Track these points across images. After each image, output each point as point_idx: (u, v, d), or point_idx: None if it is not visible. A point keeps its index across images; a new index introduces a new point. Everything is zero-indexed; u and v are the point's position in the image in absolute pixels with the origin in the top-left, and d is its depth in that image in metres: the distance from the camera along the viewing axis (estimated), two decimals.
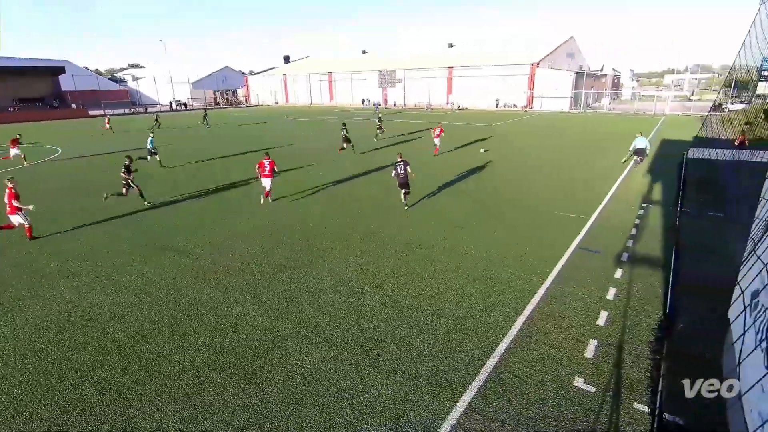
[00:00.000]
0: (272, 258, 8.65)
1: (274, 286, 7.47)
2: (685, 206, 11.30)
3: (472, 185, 14.51)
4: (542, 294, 7.04)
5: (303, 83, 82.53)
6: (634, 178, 15.28)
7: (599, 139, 26.02)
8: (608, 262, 8.18)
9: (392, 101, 66.37)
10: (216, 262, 8.47)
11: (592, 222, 10.53)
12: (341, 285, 7.46)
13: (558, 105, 53.55)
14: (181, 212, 11.92)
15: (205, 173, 17.43)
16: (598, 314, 6.41)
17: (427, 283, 7.50)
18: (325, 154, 21.63)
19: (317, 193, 13.77)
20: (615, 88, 79.25)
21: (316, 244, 9.35)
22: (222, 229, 10.40)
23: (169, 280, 7.75)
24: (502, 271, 7.88)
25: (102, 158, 21.77)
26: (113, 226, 10.84)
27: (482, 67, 60.13)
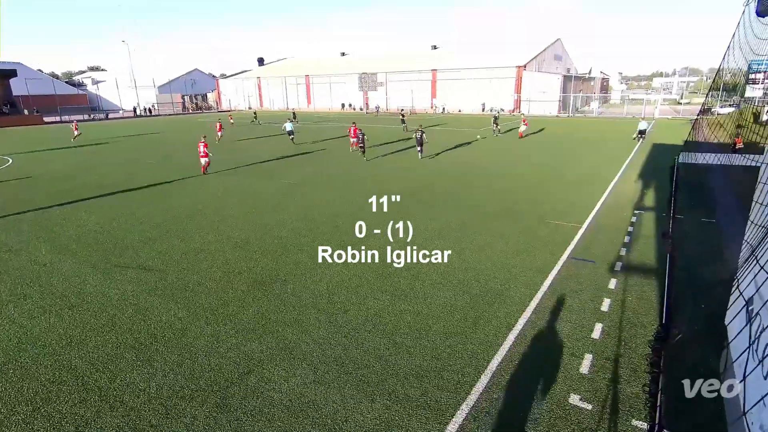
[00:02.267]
0: (246, 274, 8.52)
1: (249, 304, 7.34)
2: (677, 212, 11.62)
3: (456, 193, 14.63)
4: (534, 307, 7.10)
5: (278, 87, 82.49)
6: (626, 183, 15.68)
7: (590, 144, 26.67)
8: (602, 272, 8.32)
9: (374, 105, 66.80)
10: (184, 280, 8.29)
11: (585, 230, 10.72)
12: (321, 301, 7.38)
13: (546, 109, 54.78)
14: (143, 226, 11.66)
15: (166, 183, 17.14)
16: (593, 327, 6.49)
17: (413, 297, 7.49)
18: (288, 162, 21.56)
19: (291, 204, 13.67)
20: (604, 91, 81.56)
21: (294, 258, 9.25)
22: (190, 244, 10.20)
23: (131, 300, 7.54)
24: (492, 284, 7.93)
25: (57, 167, 21.22)
26: (67, 241, 10.52)
27: (467, 70, 61.26)
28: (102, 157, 24.85)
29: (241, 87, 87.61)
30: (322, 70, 78.87)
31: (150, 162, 22.64)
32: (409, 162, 20.98)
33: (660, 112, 49.59)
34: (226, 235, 10.77)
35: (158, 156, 24.93)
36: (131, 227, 11.57)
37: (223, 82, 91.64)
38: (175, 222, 11.97)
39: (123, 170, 20.26)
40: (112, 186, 16.63)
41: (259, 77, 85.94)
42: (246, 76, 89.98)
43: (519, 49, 62.71)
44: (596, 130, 35.81)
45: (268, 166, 20.65)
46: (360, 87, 63.51)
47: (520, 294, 7.53)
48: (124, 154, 26.34)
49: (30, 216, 12.81)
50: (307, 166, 20.43)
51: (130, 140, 33.72)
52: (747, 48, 12.05)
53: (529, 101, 56.53)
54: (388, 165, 20.33)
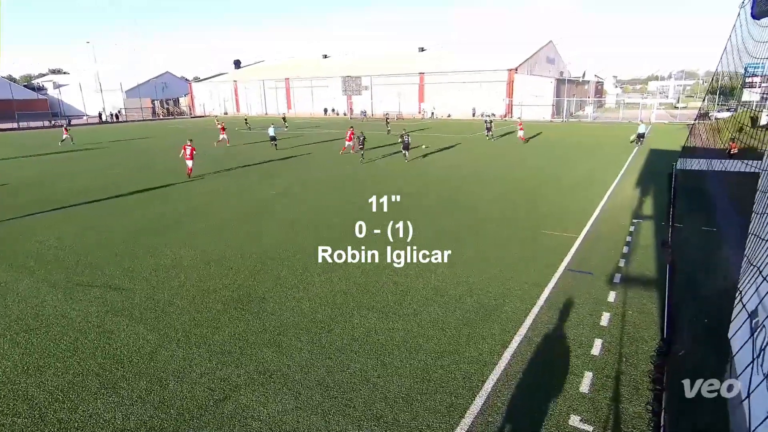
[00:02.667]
0: (222, 291, 8.41)
1: (224, 324, 7.23)
2: (677, 221, 11.85)
3: (446, 203, 14.72)
4: (530, 322, 7.14)
5: (256, 90, 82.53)
6: (623, 190, 15.97)
7: (585, 149, 27.16)
8: (600, 285, 8.41)
9: (360, 110, 67.19)
10: (153, 299, 8.14)
11: (582, 240, 10.86)
12: (304, 320, 7.31)
13: (539, 113, 55.72)
14: (110, 240, 11.45)
15: (129, 192, 16.92)
16: (592, 343, 6.54)
17: (402, 314, 7.46)
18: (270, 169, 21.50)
19: (271, 215, 13.59)
20: (598, 95, 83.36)
21: (273, 273, 9.17)
22: (161, 259, 10.04)
23: (95, 322, 7.37)
24: (485, 299, 7.95)
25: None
26: (24, 258, 10.27)
27: (456, 73, 62.11)
28: (64, 166, 24.43)
29: (216, 91, 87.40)
30: (303, 72, 79.20)
31: (118, 171, 22.33)
32: (397, 166, 21.07)
33: (656, 116, 50.83)
34: (200, 249, 10.63)
35: (128, 165, 24.61)
36: (97, 241, 11.35)
37: (197, 86, 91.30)
38: (146, 235, 11.79)
39: (88, 180, 19.93)
40: (75, 197, 16.33)
41: (236, 81, 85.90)
42: (221, 80, 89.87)
43: (510, 52, 63.88)
44: (592, 135, 36.51)
45: (250, 174, 20.52)
46: (343, 91, 63.88)
47: (516, 309, 7.57)
48: (87, 162, 25.95)
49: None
50: (290, 174, 20.37)
51: (96, 148, 33.24)
52: (744, 50, 12.44)
53: (521, 106, 57.46)
54: (376, 171, 20.38)
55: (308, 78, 76.50)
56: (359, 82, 63.14)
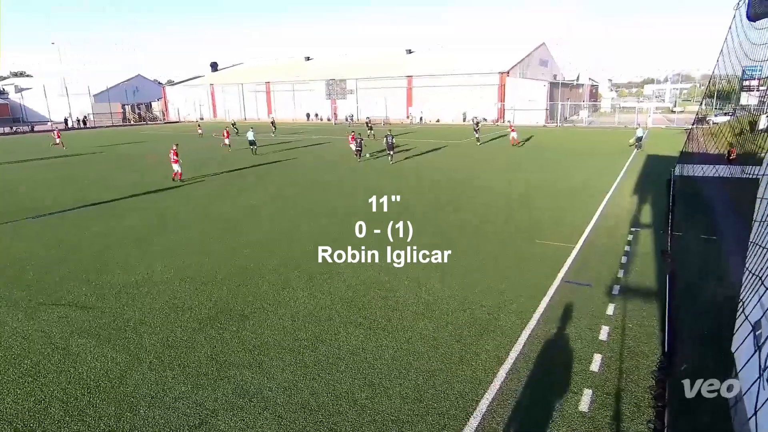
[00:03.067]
0: (198, 309, 8.30)
1: (200, 344, 7.13)
2: (676, 229, 12.05)
3: (435, 211, 14.78)
4: (526, 337, 7.16)
5: (234, 94, 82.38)
6: (620, 197, 16.20)
7: (581, 155, 27.54)
8: (599, 297, 8.49)
9: (345, 114, 67.39)
10: (123, 318, 8.00)
11: (578, 250, 10.97)
12: (287, 338, 7.25)
13: (533, 118, 56.46)
14: (76, 254, 11.26)
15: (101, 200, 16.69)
16: (591, 358, 6.58)
17: (391, 331, 7.44)
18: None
19: (252, 226, 13.50)
20: (593, 99, 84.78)
21: (253, 289, 9.09)
22: (132, 275, 9.89)
23: (60, 344, 7.21)
24: (478, 313, 7.97)
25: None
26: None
27: (445, 76, 62.77)
28: (27, 174, 24.03)
29: (191, 95, 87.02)
30: (284, 75, 79.34)
31: (87, 180, 22.02)
32: (382, 172, 21.12)
33: (653, 120, 51.83)
34: (175, 264, 10.50)
35: (99, 172, 24.29)
36: (62, 256, 11.15)
37: (171, 90, 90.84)
38: (116, 249, 11.61)
39: (51, 189, 19.62)
40: (39, 208, 16.05)
41: (212, 84, 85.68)
42: (197, 83, 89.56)
43: (501, 54, 64.82)
44: (587, 141, 37.07)
45: (231, 181, 20.39)
46: (328, 95, 64.11)
47: (511, 323, 7.59)
48: (54, 171, 25.56)
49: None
50: (268, 183, 20.30)
51: (59, 157, 32.81)
52: (741, 53, 12.78)
53: (513, 110, 58.17)
54: (360, 178, 20.41)
55: (290, 81, 76.64)
56: (344, 86, 63.48)
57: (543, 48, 74.50)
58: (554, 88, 59.78)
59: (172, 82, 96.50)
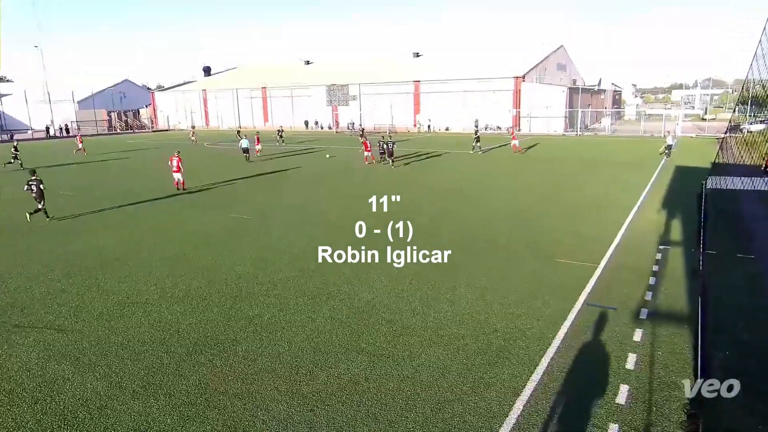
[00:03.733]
0: (186, 333, 8.29)
1: (188, 372, 7.10)
2: (708, 247, 11.96)
3: (442, 227, 14.77)
4: (545, 366, 7.09)
5: (228, 101, 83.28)
6: (647, 212, 16.14)
7: (603, 166, 27.55)
8: (624, 321, 8.41)
9: (348, 122, 67.88)
10: (105, 343, 7.99)
11: (602, 270, 10.91)
12: (282, 367, 7.21)
13: (550, 126, 56.66)
14: (53, 273, 11.30)
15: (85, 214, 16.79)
16: (617, 390, 6.50)
17: (396, 358, 7.38)
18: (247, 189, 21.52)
19: (244, 242, 13.53)
20: (616, 105, 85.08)
21: (247, 311, 9.07)
22: (114, 295, 9.91)
23: (36, 370, 7.21)
24: (493, 339, 7.91)
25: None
26: None
27: (456, 81, 63.20)
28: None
29: (182, 101, 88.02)
30: (282, 80, 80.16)
31: (65, 193, 22.19)
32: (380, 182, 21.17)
33: (682, 129, 51.86)
34: (162, 283, 10.52)
35: (79, 184, 24.49)
36: (37, 275, 11.19)
37: (160, 96, 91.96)
38: (97, 267, 11.65)
39: (27, 203, 19.77)
40: (11, 223, 16.17)
41: (205, 90, 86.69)
42: (188, 89, 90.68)
43: (516, 58, 65.27)
44: (610, 151, 37.10)
45: (222, 194, 20.50)
46: (328, 101, 64.60)
47: (528, 350, 7.52)
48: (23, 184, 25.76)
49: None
50: (259, 196, 20.39)
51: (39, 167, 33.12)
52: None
53: (530, 117, 58.42)
54: (357, 190, 20.45)
55: (288, 87, 77.42)
56: (346, 91, 63.92)
57: (561, 51, 75.02)
58: (574, 93, 60.07)
59: (162, 88, 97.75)
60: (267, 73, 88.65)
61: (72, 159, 35.18)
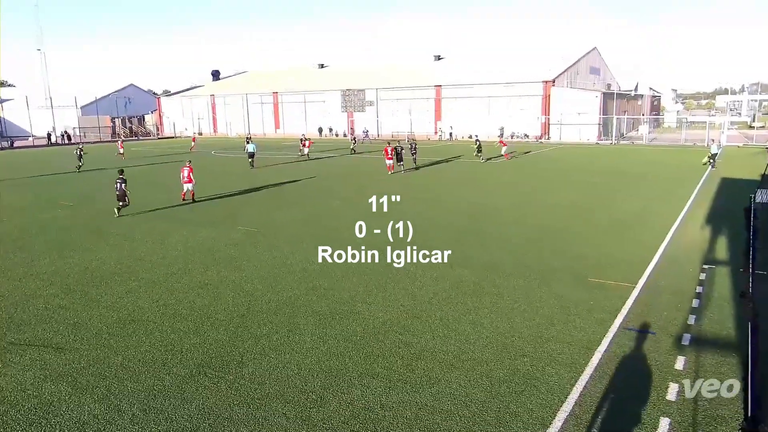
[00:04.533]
0: (190, 353, 8.34)
1: (190, 395, 7.14)
2: (758, 266, 11.72)
3: (462, 243, 14.71)
4: (577, 396, 6.99)
5: (238, 106, 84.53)
6: (690, 229, 15.91)
7: (640, 178, 27.29)
8: (665, 347, 8.27)
9: (360, 130, 68.34)
10: (104, 362, 8.08)
11: (640, 291, 10.75)
12: (291, 391, 7.21)
13: (583, 134, 56.36)
14: (51, 288, 11.49)
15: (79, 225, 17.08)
16: (657, 423, 6.38)
17: (414, 383, 7.33)
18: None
19: (252, 257, 13.63)
20: (655, 112, 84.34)
21: (254, 330, 9.11)
22: (114, 312, 10.04)
23: (32, 391, 7.30)
24: (519, 365, 7.82)
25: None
26: None
27: (480, 86, 63.31)
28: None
29: (189, 107, 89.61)
30: (294, 85, 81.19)
31: (65, 203, 22.64)
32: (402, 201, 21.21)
33: (727, 137, 51.15)
34: (164, 300, 10.63)
35: (80, 193, 24.97)
36: (35, 290, 11.39)
37: (167, 101, 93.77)
38: (97, 282, 11.83)
39: (26, 213, 20.21)
40: (6, 235, 16.52)
41: (213, 95, 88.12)
42: (195, 93, 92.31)
43: (545, 61, 65.26)
44: (648, 161, 36.74)
45: (230, 205, 20.72)
46: (343, 107, 65.14)
47: (558, 378, 7.42)
48: (28, 192, 26.36)
49: None
50: (268, 207, 20.54)
51: (41, 175, 33.90)
52: None
53: (560, 124, 58.20)
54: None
55: (301, 91, 78.37)
56: (362, 97, 64.43)
57: (594, 53, 74.86)
58: (608, 99, 59.77)
59: (168, 93, 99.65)
60: (279, 77, 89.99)
61: (70, 168, 35.87)
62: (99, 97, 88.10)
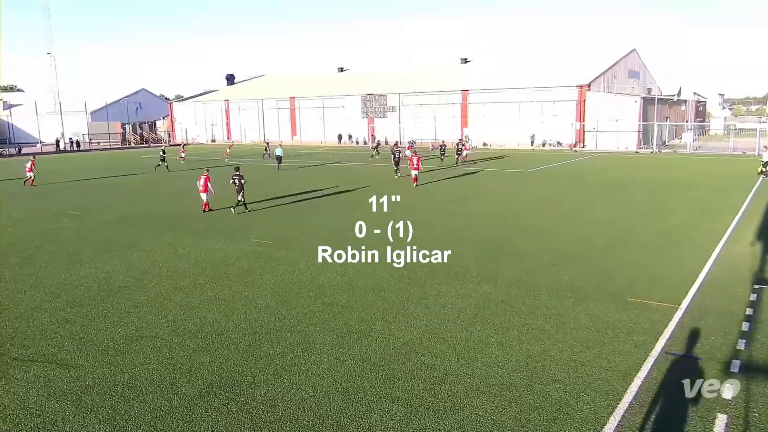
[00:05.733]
0: (199, 372, 8.41)
1: (199, 418, 7.18)
2: None
3: (490, 258, 14.62)
4: (614, 427, 6.87)
5: (253, 112, 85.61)
6: (739, 245, 15.60)
7: (683, 190, 26.91)
8: (712, 375, 8.06)
9: (382, 137, 68.60)
10: (110, 380, 8.18)
11: (684, 313, 10.56)
12: (305, 415, 7.20)
13: (621, 142, 55.78)
14: (56, 301, 11.70)
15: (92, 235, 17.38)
16: None
17: (437, 410, 7.28)
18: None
19: (266, 272, 13.71)
20: (700, 118, 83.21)
21: (267, 349, 9.15)
22: (121, 328, 10.17)
23: (35, 409, 7.42)
24: (551, 391, 7.72)
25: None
26: None
27: (510, 90, 63.17)
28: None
29: (202, 112, 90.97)
30: (312, 90, 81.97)
31: (72, 212, 23.09)
32: (423, 213, 21.21)
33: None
34: (173, 316, 10.75)
35: (88, 203, 25.45)
36: (40, 303, 11.61)
37: (179, 107, 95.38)
38: (104, 296, 12.01)
39: (31, 224, 20.65)
40: (11, 246, 16.88)
41: (228, 100, 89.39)
42: (209, 99, 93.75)
43: (580, 63, 64.92)
44: (692, 171, 36.23)
45: (244, 216, 20.91)
46: (364, 113, 65.47)
47: (594, 406, 7.30)
48: (29, 204, 26.96)
49: None
50: (284, 219, 20.69)
51: (47, 184, 34.65)
52: None
53: (596, 132, 57.70)
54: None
55: (319, 96, 79.08)
56: (384, 102, 64.68)
57: (633, 56, 74.31)
58: (648, 104, 59.13)
59: (180, 98, 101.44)
60: (296, 81, 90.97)
61: (76, 176, 36.63)
62: (109, 102, 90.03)
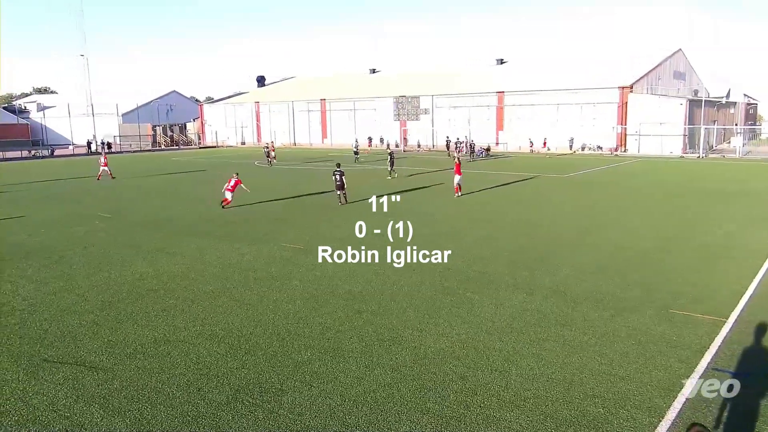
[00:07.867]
0: (227, 378, 8.50)
1: (226, 425, 7.25)
2: None
3: (525, 268, 14.47)
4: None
5: (283, 114, 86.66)
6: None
7: (733, 197, 26.30)
8: (763, 394, 7.85)
9: (415, 140, 68.59)
10: (138, 384, 8.33)
11: (732, 326, 10.30)
12: (334, 424, 7.22)
13: (665, 146, 54.71)
14: (87, 304, 11.97)
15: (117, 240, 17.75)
16: None
17: (470, 422, 7.22)
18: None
19: (296, 277, 13.81)
20: (751, 121, 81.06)
21: (295, 356, 9.21)
22: (150, 331, 10.36)
23: (63, 411, 7.60)
24: (589, 406, 7.59)
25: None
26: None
27: (548, 92, 62.59)
28: (25, 209, 26.20)
29: (232, 114, 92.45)
30: (344, 92, 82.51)
31: (103, 215, 23.65)
32: (453, 221, 21.12)
33: None
34: (201, 321, 10.90)
35: (119, 206, 26.06)
36: (70, 306, 11.89)
37: (209, 109, 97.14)
38: (132, 299, 12.25)
39: (63, 226, 21.20)
40: (43, 248, 17.35)
41: (258, 102, 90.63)
42: (240, 101, 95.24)
43: (622, 64, 63.96)
44: (742, 178, 35.34)
45: (273, 219, 21.13)
46: (396, 115, 65.64)
47: (634, 423, 7.16)
48: (61, 206, 27.69)
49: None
50: (315, 221, 20.82)
51: (67, 188, 35.56)
52: None
53: (638, 135, 56.72)
54: (435, 227, 20.49)
55: (350, 98, 79.55)
56: (417, 104, 64.77)
57: (679, 56, 72.86)
58: (695, 107, 57.87)
59: (211, 100, 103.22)
60: (327, 83, 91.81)
61: (108, 182, 37.53)
62: (140, 104, 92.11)
